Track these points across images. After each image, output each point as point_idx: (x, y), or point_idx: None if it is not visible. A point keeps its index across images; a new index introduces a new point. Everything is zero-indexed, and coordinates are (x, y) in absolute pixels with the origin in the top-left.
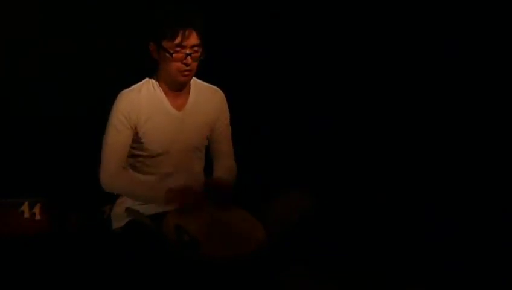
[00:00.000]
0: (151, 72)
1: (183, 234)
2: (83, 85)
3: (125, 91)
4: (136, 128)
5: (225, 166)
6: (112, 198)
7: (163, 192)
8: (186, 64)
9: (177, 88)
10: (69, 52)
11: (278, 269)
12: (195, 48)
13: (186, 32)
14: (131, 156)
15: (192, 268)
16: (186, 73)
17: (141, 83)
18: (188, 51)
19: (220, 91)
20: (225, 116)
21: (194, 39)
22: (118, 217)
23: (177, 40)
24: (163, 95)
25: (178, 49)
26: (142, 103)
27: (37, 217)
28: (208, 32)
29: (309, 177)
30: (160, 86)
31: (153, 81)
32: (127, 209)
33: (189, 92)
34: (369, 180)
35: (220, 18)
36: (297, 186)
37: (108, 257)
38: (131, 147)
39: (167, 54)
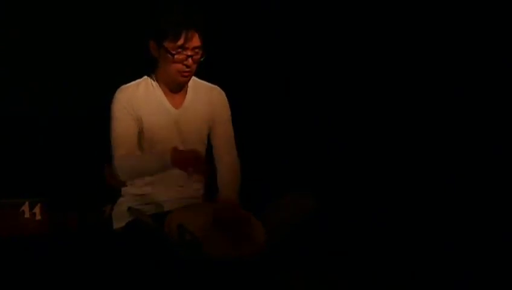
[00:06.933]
0: (151, 70)
1: (185, 233)
2: (83, 85)
3: (123, 86)
4: (138, 118)
5: (227, 163)
6: (112, 198)
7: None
8: (187, 66)
9: (175, 88)
10: (69, 52)
11: (278, 270)
12: (197, 50)
13: (189, 34)
14: None
15: (193, 268)
16: (185, 74)
17: (139, 80)
18: (189, 53)
19: (219, 88)
20: (224, 112)
21: (196, 41)
22: (119, 217)
23: (180, 42)
24: (161, 93)
25: (180, 50)
26: (140, 99)
27: (37, 217)
28: (208, 31)
29: (310, 178)
30: (158, 84)
31: (151, 79)
32: (129, 209)
33: (187, 90)
34: (370, 182)
35: (219, 18)
36: (298, 188)
37: (109, 257)
38: None
39: (168, 55)
